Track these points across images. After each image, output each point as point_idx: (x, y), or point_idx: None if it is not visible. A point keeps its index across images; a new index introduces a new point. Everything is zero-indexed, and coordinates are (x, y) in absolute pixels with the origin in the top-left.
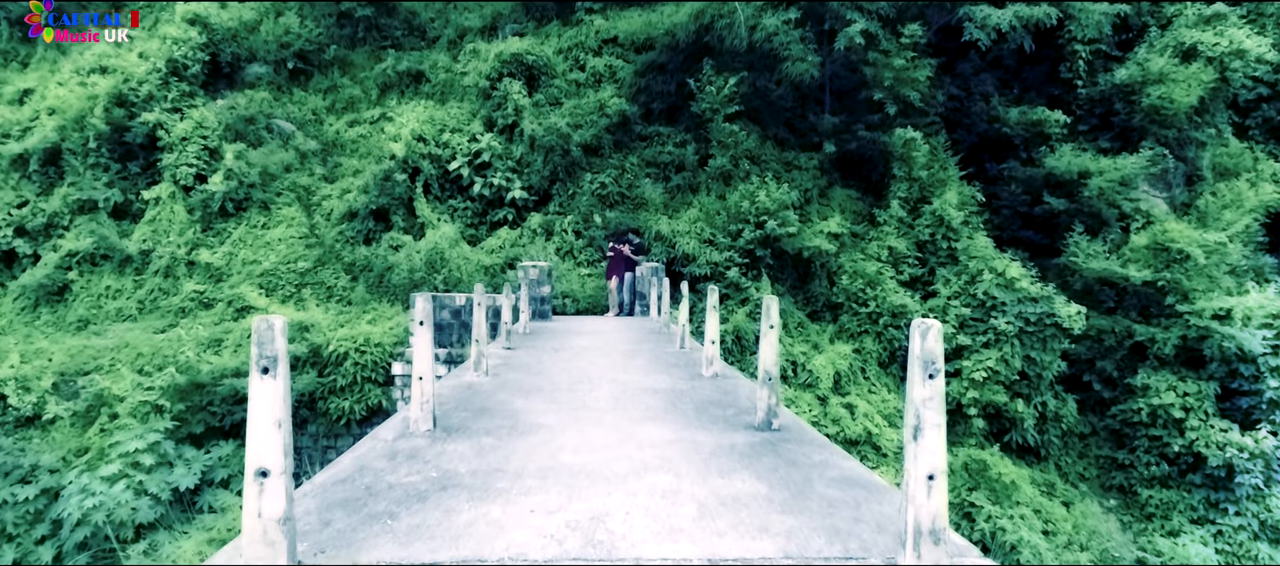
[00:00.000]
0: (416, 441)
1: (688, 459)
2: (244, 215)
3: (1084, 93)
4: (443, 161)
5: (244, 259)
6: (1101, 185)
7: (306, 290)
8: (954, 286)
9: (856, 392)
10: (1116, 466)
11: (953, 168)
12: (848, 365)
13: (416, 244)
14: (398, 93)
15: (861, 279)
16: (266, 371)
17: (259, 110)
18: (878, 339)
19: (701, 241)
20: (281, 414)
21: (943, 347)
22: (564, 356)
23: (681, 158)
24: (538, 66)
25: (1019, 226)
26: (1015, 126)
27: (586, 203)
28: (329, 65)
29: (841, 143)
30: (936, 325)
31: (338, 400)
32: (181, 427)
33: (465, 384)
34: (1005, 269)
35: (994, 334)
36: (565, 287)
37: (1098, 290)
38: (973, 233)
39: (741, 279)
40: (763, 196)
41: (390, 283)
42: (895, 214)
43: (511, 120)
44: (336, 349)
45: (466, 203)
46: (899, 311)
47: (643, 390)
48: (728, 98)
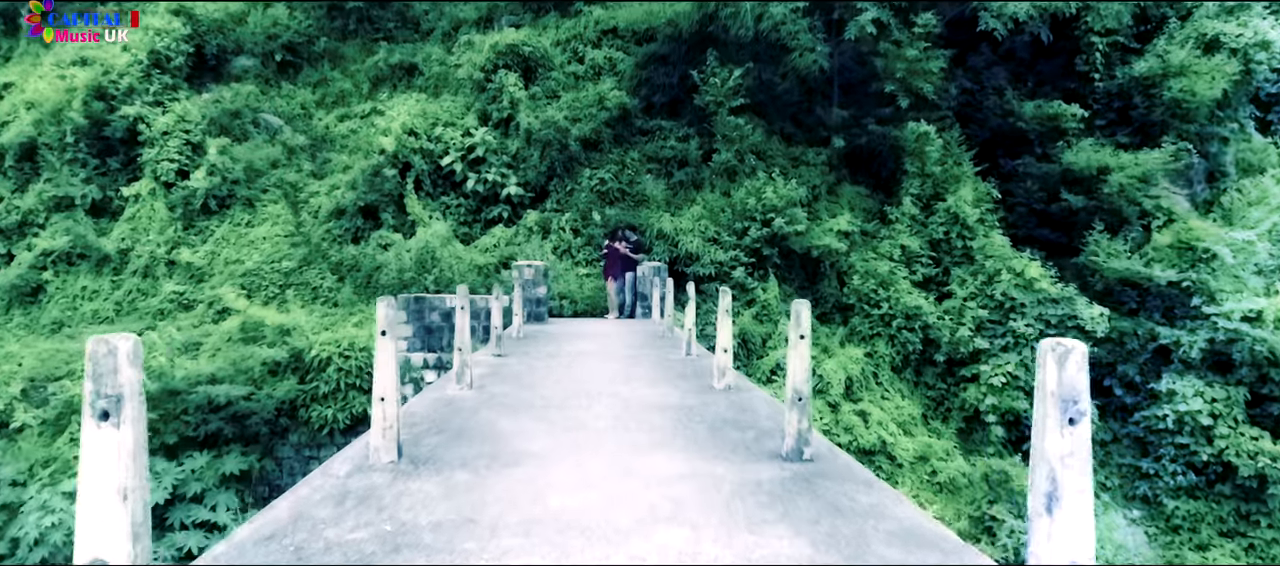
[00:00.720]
0: (375, 478)
1: (705, 502)
2: (227, 213)
3: (1101, 86)
4: (435, 156)
5: (226, 258)
6: (1122, 181)
7: (290, 291)
8: (970, 287)
9: (869, 399)
10: (1140, 475)
11: (967, 163)
12: (860, 370)
13: (406, 242)
14: (390, 86)
15: (873, 279)
16: (106, 417)
17: (245, 104)
18: (891, 342)
19: (705, 240)
20: (129, 477)
21: (1087, 377)
22: (559, 364)
23: (684, 153)
24: (534, 58)
25: (1035, 224)
26: (1030, 121)
27: (585, 199)
28: (319, 58)
29: (851, 137)
30: (1080, 348)
31: (320, 408)
32: (153, 438)
33: (445, 398)
34: (1024, 269)
35: (1013, 337)
36: (563, 288)
37: (1119, 291)
38: (988, 231)
39: (747, 279)
40: (770, 193)
41: (379, 283)
42: (908, 211)
43: (507, 114)
44: (319, 354)
45: (459, 200)
46: (913, 313)
47: (647, 406)
48: (732, 90)
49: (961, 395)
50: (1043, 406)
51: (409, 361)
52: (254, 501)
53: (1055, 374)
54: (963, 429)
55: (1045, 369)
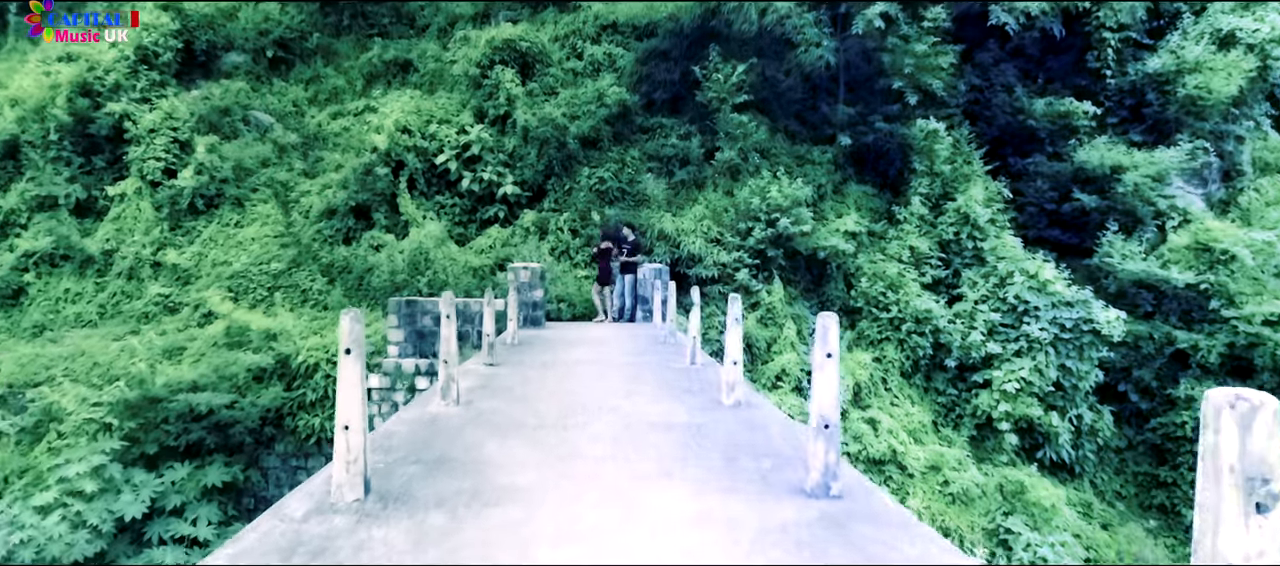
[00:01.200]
0: (335, 522)
1: (722, 553)
2: (215, 213)
3: (1113, 83)
4: (429, 155)
5: (214, 260)
6: (1137, 181)
7: (279, 293)
8: (981, 289)
9: (878, 406)
10: (1157, 484)
11: (977, 162)
12: (868, 375)
13: (399, 243)
14: (384, 83)
15: (882, 281)
16: None
17: (235, 101)
18: (900, 347)
19: (708, 241)
20: None
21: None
22: (555, 375)
23: (686, 151)
24: (532, 54)
25: (1045, 224)
26: (1040, 119)
27: (583, 199)
28: (311, 54)
29: (857, 135)
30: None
31: (307, 416)
32: (133, 447)
33: (427, 417)
34: (1038, 271)
35: (1026, 341)
36: (560, 291)
37: (1134, 293)
38: (1000, 231)
39: (751, 281)
40: (774, 192)
41: (370, 285)
42: (916, 211)
43: (503, 111)
44: (306, 359)
45: (454, 199)
46: (924, 317)
47: (650, 425)
48: (736, 86)
49: (973, 401)
50: (1217, 486)
51: (401, 368)
52: (238, 514)
53: (1237, 441)
54: (974, 436)
55: (1220, 433)
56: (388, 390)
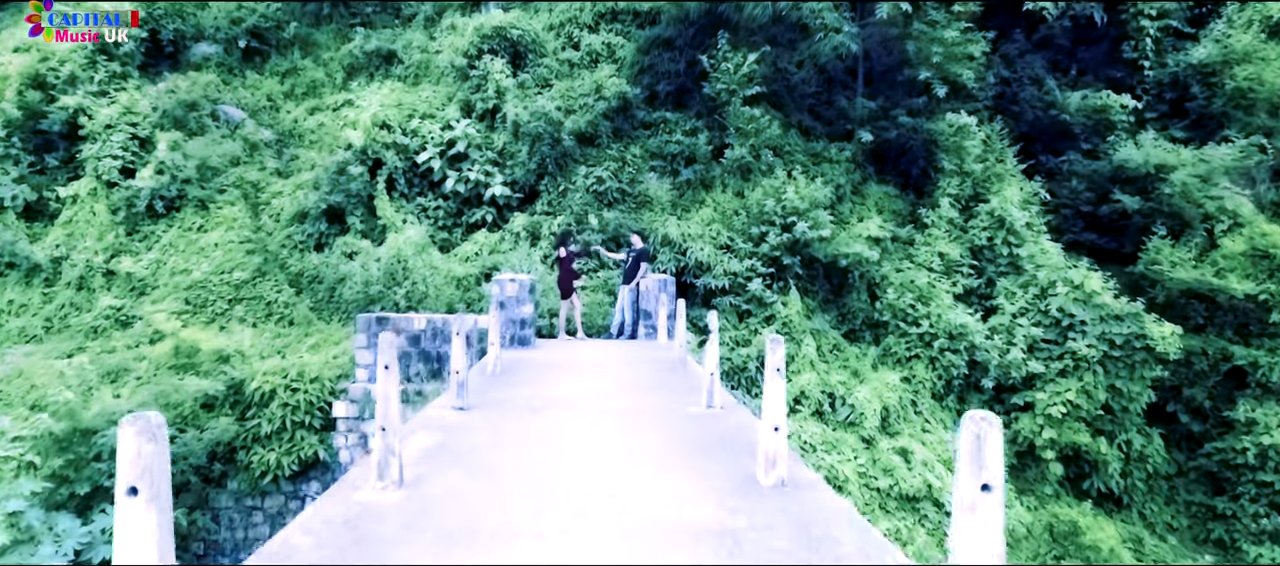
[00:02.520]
0: None
1: None
2: (176, 216)
3: (1152, 75)
4: (410, 152)
5: (172, 268)
6: (1185, 181)
7: (241, 306)
8: (1019, 301)
9: (909, 433)
10: (1214, 516)
11: (1010, 159)
12: (897, 398)
13: (375, 250)
14: (366, 76)
15: (911, 292)
16: None
17: (203, 95)
18: (931, 365)
19: (717, 247)
20: None
21: None
22: (537, 426)
23: (692, 148)
24: (524, 43)
25: (1081, 228)
26: (1075, 114)
27: (580, 201)
28: (288, 45)
29: (877, 131)
30: None
31: (262, 451)
32: (62, 488)
33: (350, 514)
34: (1083, 281)
35: (1072, 359)
36: (553, 305)
37: (1183, 304)
38: (1037, 236)
39: (765, 292)
40: (791, 193)
41: (342, 297)
42: (944, 214)
43: (492, 104)
44: (262, 387)
45: (438, 201)
46: (958, 332)
47: (664, 529)
48: (747, 77)
49: (1013, 426)
50: None
51: (369, 394)
52: None
53: None
54: (1014, 465)
55: None
56: (356, 419)
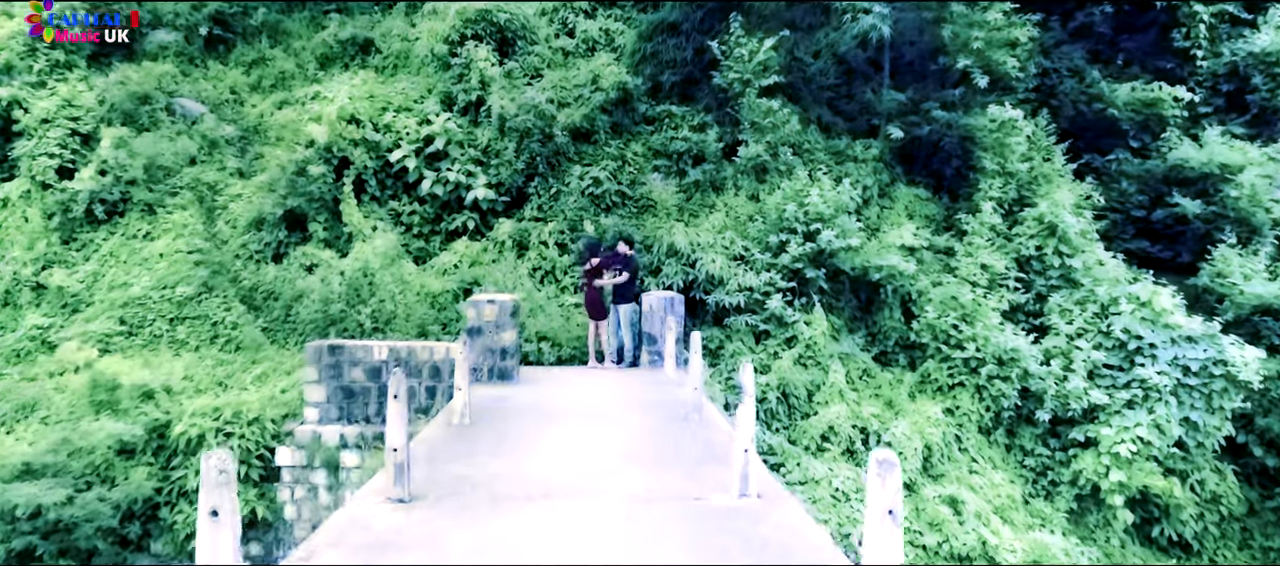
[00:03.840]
0: None
1: None
2: (120, 222)
3: (1206, 66)
4: (382, 149)
5: (111, 282)
6: (1254, 183)
7: (184, 327)
8: (1076, 320)
9: (955, 475)
10: None
11: (1058, 158)
12: (941, 435)
13: (338, 262)
14: (341, 66)
15: (954, 310)
16: None
17: (158, 86)
18: (978, 395)
19: (731, 258)
20: None
21: None
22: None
23: (701, 145)
24: (512, 28)
25: (1131, 235)
26: (1123, 109)
27: (574, 205)
28: (256, 33)
29: (907, 126)
30: None
31: (189, 508)
32: None
33: None
34: (1151, 298)
35: (1141, 388)
36: (543, 326)
37: (1257, 321)
38: (1090, 245)
39: (785, 310)
40: (815, 197)
41: (298, 317)
42: (987, 221)
43: (476, 96)
44: (188, 430)
45: (413, 205)
46: (1009, 357)
47: None
48: (763, 66)
49: (1073, 466)
50: None
51: (320, 439)
52: None
53: None
54: (1073, 511)
55: None
56: (303, 468)
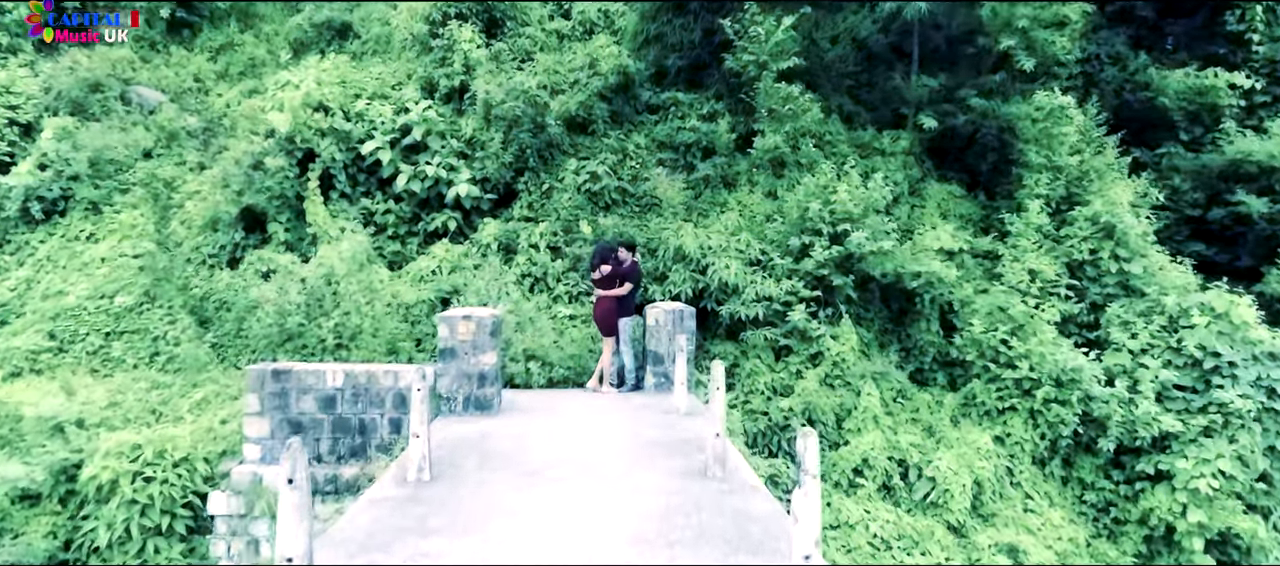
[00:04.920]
0: None
1: None
2: (60, 222)
3: (1263, 50)
4: (353, 141)
5: (45, 289)
6: None
7: (121, 342)
8: (1141, 335)
9: (1010, 515)
10: None
11: (1110, 152)
12: (992, 468)
13: (299, 268)
14: (317, 52)
15: (1003, 325)
16: None
17: (113, 73)
18: (1032, 420)
19: (746, 264)
20: None
21: None
22: None
23: (711, 136)
24: (501, 7)
25: (1185, 236)
26: (1174, 98)
27: (569, 204)
28: (223, 16)
29: (942, 116)
30: None
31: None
32: None
33: None
34: (1228, 309)
35: (1220, 413)
36: (532, 343)
37: None
38: (1148, 247)
39: (809, 323)
40: (842, 194)
41: (251, 332)
42: (1034, 221)
43: (459, 81)
44: (99, 473)
45: (387, 204)
46: (1069, 378)
47: None
48: (780, 47)
49: (1142, 502)
50: None
51: (261, 482)
52: None
53: None
54: (1141, 553)
55: None
56: (240, 518)
